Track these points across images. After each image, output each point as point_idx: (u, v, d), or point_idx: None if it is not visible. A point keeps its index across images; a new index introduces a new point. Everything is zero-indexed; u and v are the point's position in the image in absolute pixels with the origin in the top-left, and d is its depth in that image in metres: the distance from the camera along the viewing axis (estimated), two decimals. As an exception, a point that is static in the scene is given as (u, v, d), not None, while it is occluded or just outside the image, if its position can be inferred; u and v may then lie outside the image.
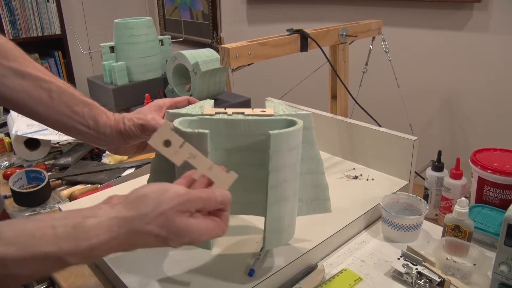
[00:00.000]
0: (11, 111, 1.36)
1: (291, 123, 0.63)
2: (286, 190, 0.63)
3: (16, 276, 0.44)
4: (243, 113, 0.65)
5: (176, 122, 0.61)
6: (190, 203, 0.50)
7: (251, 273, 0.67)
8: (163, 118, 0.71)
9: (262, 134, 0.60)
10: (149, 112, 0.71)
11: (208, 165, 0.54)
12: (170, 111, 0.69)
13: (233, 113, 0.65)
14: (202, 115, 0.65)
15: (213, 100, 0.74)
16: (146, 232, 0.48)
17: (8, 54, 0.61)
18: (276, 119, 0.64)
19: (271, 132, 0.58)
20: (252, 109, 0.66)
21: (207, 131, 0.58)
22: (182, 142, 0.53)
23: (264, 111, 0.66)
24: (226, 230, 0.53)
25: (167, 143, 0.52)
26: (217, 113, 0.65)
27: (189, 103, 0.75)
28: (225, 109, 0.67)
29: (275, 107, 0.70)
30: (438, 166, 0.90)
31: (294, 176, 0.64)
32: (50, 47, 2.91)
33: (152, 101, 1.37)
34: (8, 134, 1.31)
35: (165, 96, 1.57)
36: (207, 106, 0.70)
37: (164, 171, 0.69)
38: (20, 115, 1.29)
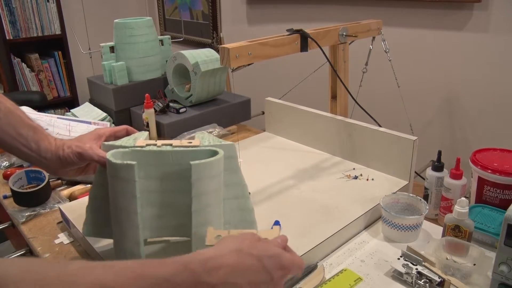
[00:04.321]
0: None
1: (214, 153, 0.68)
2: (209, 215, 0.68)
3: None
4: (171, 145, 0.71)
5: (109, 154, 0.66)
6: (259, 236, 0.59)
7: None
8: (100, 147, 0.75)
9: (188, 163, 0.65)
10: (88, 140, 0.76)
11: (255, 231, 0.63)
12: (106, 143, 0.74)
13: (162, 144, 0.71)
14: (134, 147, 0.71)
15: (147, 132, 0.80)
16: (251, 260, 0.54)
17: None
18: (200, 149, 0.70)
19: (192, 162, 0.64)
20: (180, 141, 0.72)
21: (134, 162, 0.63)
22: (228, 231, 0.64)
23: (191, 142, 0.71)
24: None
25: (218, 236, 0.62)
26: (147, 145, 0.71)
27: (128, 133, 0.80)
28: (155, 141, 0.73)
29: (202, 138, 0.75)
30: (438, 166, 0.90)
31: (217, 201, 0.69)
32: (50, 47, 2.91)
33: (153, 101, 1.38)
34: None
35: (165, 96, 1.57)
36: (140, 139, 0.75)
37: (102, 198, 0.74)
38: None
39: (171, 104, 1.48)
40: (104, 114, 1.51)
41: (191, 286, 0.49)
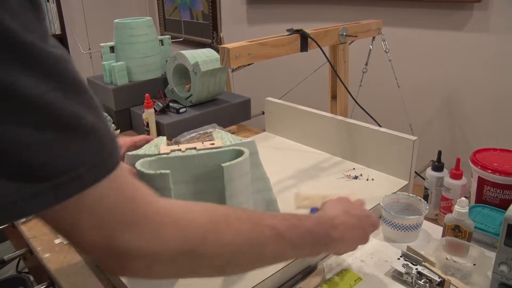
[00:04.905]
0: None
1: (239, 152, 0.71)
2: None
3: None
4: (195, 148, 0.72)
5: (138, 165, 0.68)
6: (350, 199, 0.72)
7: None
8: (122, 158, 0.74)
9: (214, 164, 0.67)
10: None
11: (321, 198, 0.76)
12: (129, 153, 0.75)
13: (186, 149, 0.72)
14: (159, 154, 0.72)
15: (165, 137, 0.81)
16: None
17: None
18: (225, 150, 0.72)
19: (223, 164, 0.66)
20: (202, 143, 0.73)
21: (168, 171, 0.65)
22: (311, 195, 0.80)
23: (213, 144, 0.73)
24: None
25: (306, 200, 0.82)
26: (172, 151, 0.72)
27: (147, 141, 0.81)
28: (178, 145, 0.74)
29: (222, 138, 0.76)
30: (438, 166, 0.90)
31: (248, 198, 0.73)
32: (50, 47, 2.91)
33: (153, 101, 1.38)
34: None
35: (165, 96, 1.57)
36: (162, 145, 0.76)
37: None
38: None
39: (171, 104, 1.48)
40: (104, 114, 1.51)
41: (322, 237, 0.59)
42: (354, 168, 1.06)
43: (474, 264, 0.72)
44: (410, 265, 0.72)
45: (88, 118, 0.36)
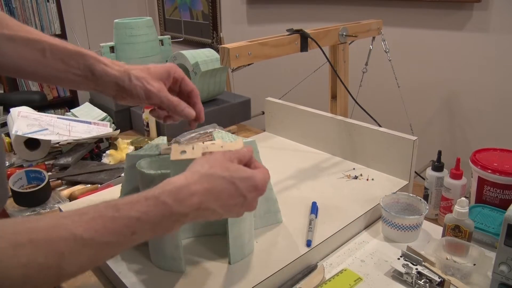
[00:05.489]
0: (11, 111, 1.36)
1: None
2: None
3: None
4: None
5: (139, 165, 0.68)
6: (231, 155, 0.58)
7: (308, 243, 0.76)
8: (168, 89, 0.69)
9: None
10: (156, 78, 0.67)
11: (221, 143, 0.66)
12: (130, 153, 0.74)
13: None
14: (160, 154, 0.72)
15: (165, 137, 0.81)
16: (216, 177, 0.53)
17: (1, 23, 0.62)
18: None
19: None
20: (203, 142, 0.71)
21: (168, 171, 0.65)
22: (192, 146, 0.66)
23: (214, 144, 0.71)
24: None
25: (183, 152, 0.64)
26: (182, 152, 0.70)
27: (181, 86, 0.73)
28: (178, 144, 0.72)
29: (222, 138, 0.76)
30: (438, 166, 0.90)
31: None
32: (50, 47, 2.91)
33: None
34: (8, 134, 1.31)
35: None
36: (162, 144, 0.76)
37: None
38: (20, 115, 1.30)
39: (171, 104, 1.48)
40: (104, 114, 1.51)
41: (164, 219, 0.49)
42: (354, 168, 1.06)
43: (474, 264, 0.72)
44: (410, 265, 0.72)
45: None
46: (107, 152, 1.26)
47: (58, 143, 1.30)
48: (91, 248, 0.44)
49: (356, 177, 1.01)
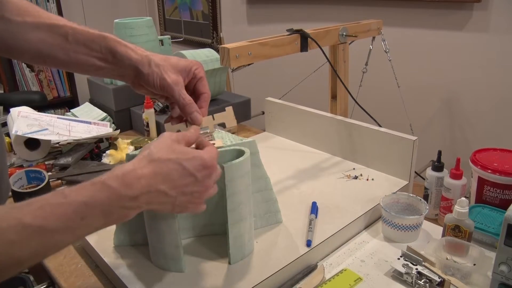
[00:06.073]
0: (11, 111, 1.36)
1: (239, 152, 0.70)
2: (243, 211, 0.71)
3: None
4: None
5: None
6: (178, 136, 0.58)
7: (308, 243, 0.76)
8: (185, 84, 0.68)
9: None
10: (175, 70, 0.67)
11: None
12: (130, 153, 0.73)
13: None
14: None
15: None
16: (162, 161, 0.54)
17: (21, 11, 0.63)
18: (225, 150, 0.70)
19: (224, 164, 0.66)
20: None
21: None
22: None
23: (214, 144, 0.71)
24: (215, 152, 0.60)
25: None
26: None
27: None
28: None
29: (222, 138, 0.76)
30: (438, 166, 0.90)
31: (248, 198, 0.72)
32: (50, 47, 2.91)
33: (153, 101, 1.38)
34: (8, 134, 1.31)
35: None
36: None
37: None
38: (20, 115, 1.30)
39: (171, 104, 1.48)
40: (104, 114, 1.51)
41: (112, 203, 0.50)
42: (354, 168, 1.06)
43: (474, 264, 0.72)
44: (410, 265, 0.72)
45: None
46: (107, 152, 1.26)
47: (58, 143, 1.30)
48: (41, 235, 0.46)
49: (356, 177, 1.01)
